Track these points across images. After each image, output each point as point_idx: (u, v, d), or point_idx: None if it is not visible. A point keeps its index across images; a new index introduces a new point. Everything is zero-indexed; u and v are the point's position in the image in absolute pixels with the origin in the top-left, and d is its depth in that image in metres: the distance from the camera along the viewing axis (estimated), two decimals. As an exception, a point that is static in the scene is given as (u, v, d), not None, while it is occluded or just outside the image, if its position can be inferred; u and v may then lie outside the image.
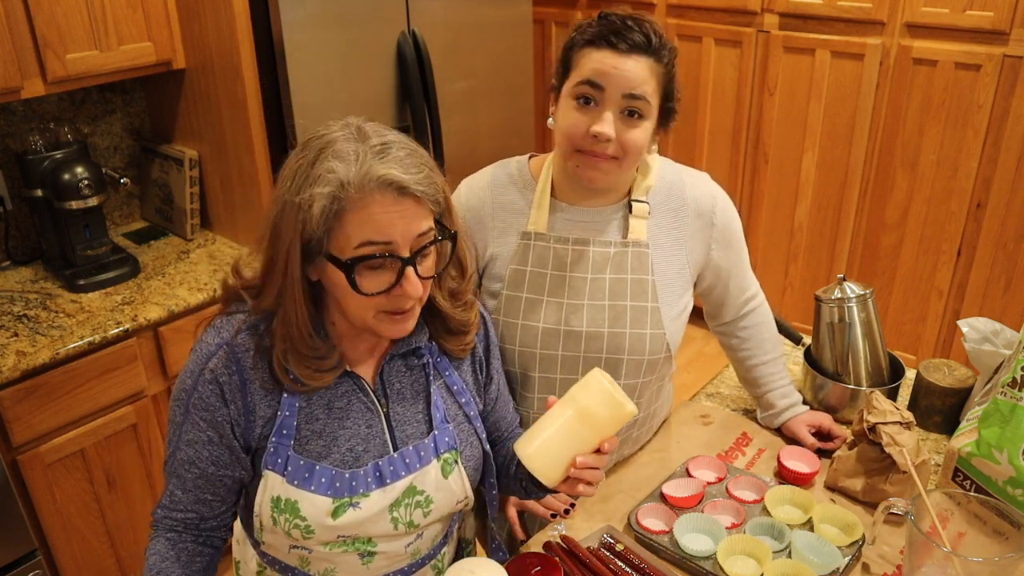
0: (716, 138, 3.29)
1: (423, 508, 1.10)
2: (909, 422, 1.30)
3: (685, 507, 1.31)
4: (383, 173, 0.93)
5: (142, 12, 2.06)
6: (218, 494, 1.10)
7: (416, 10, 2.32)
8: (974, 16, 2.54)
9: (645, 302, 1.30)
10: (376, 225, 0.94)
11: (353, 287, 0.95)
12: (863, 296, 1.52)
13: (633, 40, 1.16)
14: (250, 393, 1.04)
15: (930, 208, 2.83)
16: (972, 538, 1.09)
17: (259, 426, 1.05)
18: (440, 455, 1.11)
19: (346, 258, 0.95)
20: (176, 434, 1.08)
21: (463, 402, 1.16)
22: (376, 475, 1.07)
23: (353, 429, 1.08)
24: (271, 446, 1.05)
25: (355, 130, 0.97)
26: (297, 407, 1.05)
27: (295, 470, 1.05)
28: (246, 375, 1.03)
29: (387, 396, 1.11)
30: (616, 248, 1.30)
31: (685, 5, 3.18)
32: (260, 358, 1.03)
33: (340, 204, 0.93)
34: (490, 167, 1.38)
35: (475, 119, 2.63)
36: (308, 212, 0.93)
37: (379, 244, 0.94)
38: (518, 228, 1.32)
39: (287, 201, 0.95)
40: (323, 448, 1.06)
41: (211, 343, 1.05)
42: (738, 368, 1.57)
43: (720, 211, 1.36)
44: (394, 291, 0.97)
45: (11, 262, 2.24)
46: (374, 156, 0.94)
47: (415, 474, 1.09)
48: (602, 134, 1.17)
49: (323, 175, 0.93)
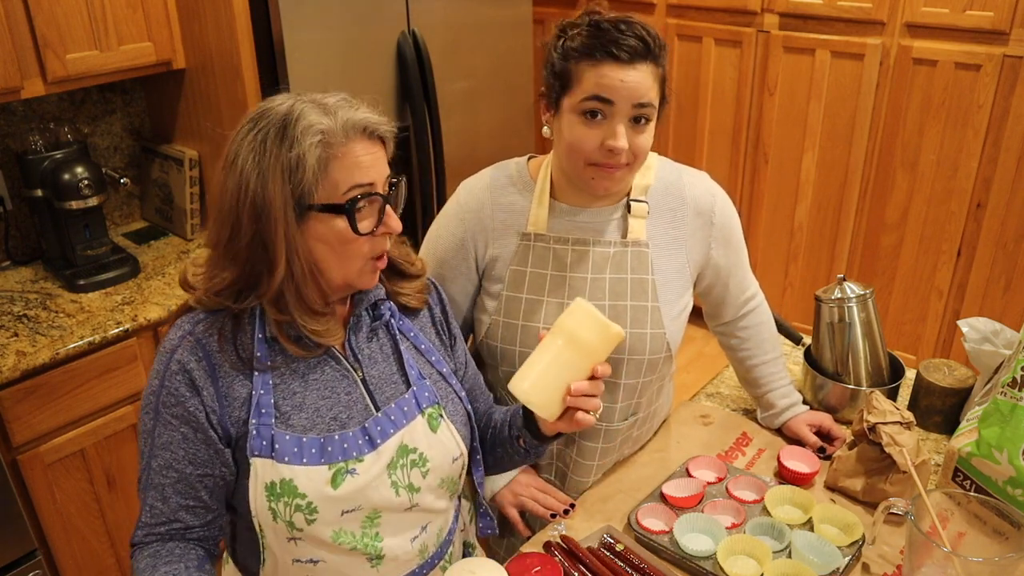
0: (716, 138, 3.30)
1: (420, 467, 1.10)
2: (909, 422, 1.30)
3: (685, 507, 1.31)
4: (361, 118, 1.00)
5: (142, 12, 2.06)
6: (201, 499, 1.05)
7: (416, 10, 2.32)
8: (974, 16, 2.54)
9: (645, 302, 1.30)
10: (361, 168, 1.00)
11: (354, 229, 1.00)
12: (863, 296, 1.52)
13: (633, 48, 1.15)
14: (221, 376, 1.03)
15: (930, 208, 2.83)
16: (972, 538, 1.09)
17: (236, 408, 1.03)
18: (423, 410, 1.12)
19: (339, 202, 0.99)
20: (148, 443, 1.05)
21: (434, 360, 1.18)
22: (366, 438, 1.07)
23: (334, 397, 1.08)
24: (252, 429, 1.03)
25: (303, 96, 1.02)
26: (271, 384, 1.05)
27: (283, 447, 1.03)
28: (214, 359, 1.03)
29: (359, 361, 1.11)
30: (616, 248, 1.30)
31: (685, 5, 3.18)
32: (225, 341, 1.03)
33: (328, 153, 0.98)
34: (488, 169, 1.38)
35: (475, 119, 2.63)
36: (301, 169, 0.96)
37: (365, 186, 1.00)
38: (518, 229, 1.32)
39: (265, 173, 0.97)
40: (307, 420, 1.05)
41: (173, 337, 1.05)
42: (738, 368, 1.57)
43: (719, 210, 1.36)
44: (379, 230, 1.03)
45: (11, 262, 2.24)
46: (346, 106, 1.01)
47: (403, 430, 1.09)
48: (619, 148, 1.17)
49: (306, 131, 0.97)
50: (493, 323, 1.33)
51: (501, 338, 1.33)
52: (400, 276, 1.18)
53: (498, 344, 1.33)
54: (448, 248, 1.34)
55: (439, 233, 1.36)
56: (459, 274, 1.35)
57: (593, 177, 1.23)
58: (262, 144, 0.98)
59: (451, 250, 1.34)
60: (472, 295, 1.37)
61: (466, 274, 1.35)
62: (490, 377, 1.44)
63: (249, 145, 0.99)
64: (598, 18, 1.19)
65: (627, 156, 1.20)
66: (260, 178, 0.97)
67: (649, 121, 1.20)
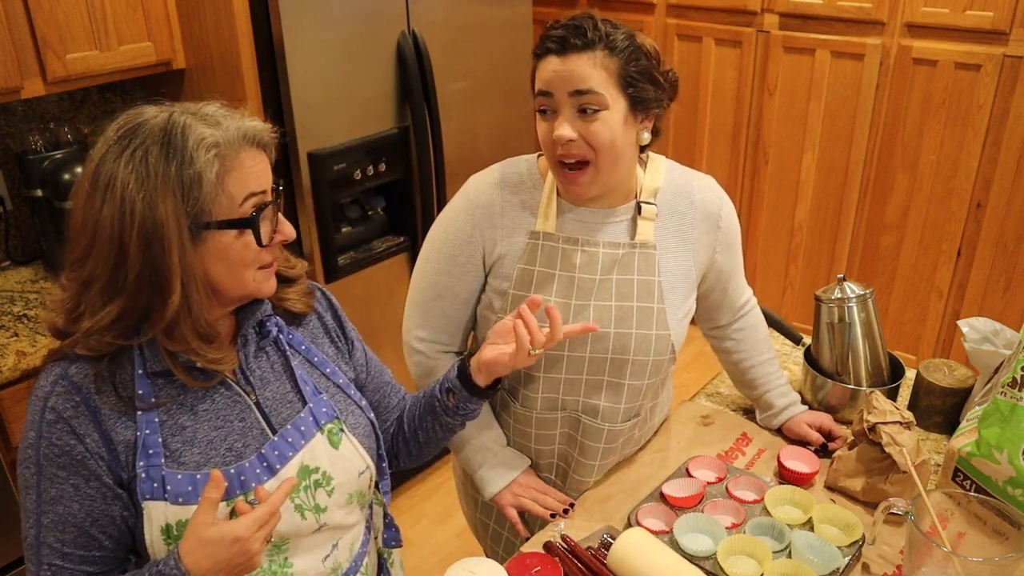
0: (716, 138, 3.29)
1: (324, 487, 1.06)
2: (909, 422, 1.30)
3: (685, 507, 1.31)
4: (249, 126, 0.96)
5: (142, 12, 2.06)
6: (105, 547, 0.98)
7: (416, 10, 2.32)
8: (974, 16, 2.54)
9: (651, 303, 1.30)
10: (253, 176, 0.96)
11: (259, 241, 0.96)
12: (863, 296, 1.52)
13: (570, 42, 1.18)
14: (102, 420, 0.95)
15: (930, 208, 2.83)
16: (972, 538, 1.09)
17: (122, 454, 0.96)
18: (322, 426, 1.08)
19: (241, 216, 0.95)
20: (33, 499, 0.96)
21: (328, 372, 1.14)
22: (264, 465, 1.02)
23: (227, 427, 1.02)
24: (141, 472, 0.96)
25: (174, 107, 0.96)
26: (157, 423, 0.98)
27: (175, 487, 0.96)
28: (93, 402, 0.95)
29: (251, 384, 1.06)
30: (624, 249, 1.30)
31: (685, 5, 3.18)
32: (102, 382, 0.96)
33: (224, 165, 0.93)
34: (498, 165, 1.37)
35: (475, 119, 2.63)
36: (198, 186, 0.91)
37: (259, 194, 0.97)
38: (527, 227, 1.32)
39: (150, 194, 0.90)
40: (200, 455, 0.99)
41: (44, 384, 0.96)
42: (733, 371, 1.57)
43: (726, 215, 1.36)
44: (276, 239, 1.01)
45: (11, 262, 2.24)
46: (230, 115, 0.96)
47: (302, 451, 1.04)
48: (560, 137, 1.19)
49: (198, 145, 0.91)
50: (498, 320, 1.33)
51: None
52: (282, 282, 1.11)
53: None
54: (456, 243, 1.34)
55: (446, 227, 1.35)
56: (466, 270, 1.34)
57: (562, 181, 1.25)
58: (143, 163, 0.90)
59: (459, 245, 1.34)
60: (478, 291, 1.37)
61: (473, 270, 1.35)
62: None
63: (127, 165, 0.90)
64: (554, 22, 1.22)
65: (581, 148, 1.20)
66: (147, 201, 0.89)
67: (600, 110, 1.18)
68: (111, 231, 0.91)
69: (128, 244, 0.90)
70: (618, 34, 1.19)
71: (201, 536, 0.90)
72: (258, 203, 0.96)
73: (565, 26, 1.19)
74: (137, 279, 0.92)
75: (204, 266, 0.95)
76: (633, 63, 1.19)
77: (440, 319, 1.39)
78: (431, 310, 1.38)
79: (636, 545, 1.16)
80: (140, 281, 0.92)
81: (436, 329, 1.40)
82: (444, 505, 2.71)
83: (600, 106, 1.18)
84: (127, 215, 0.90)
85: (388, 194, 2.50)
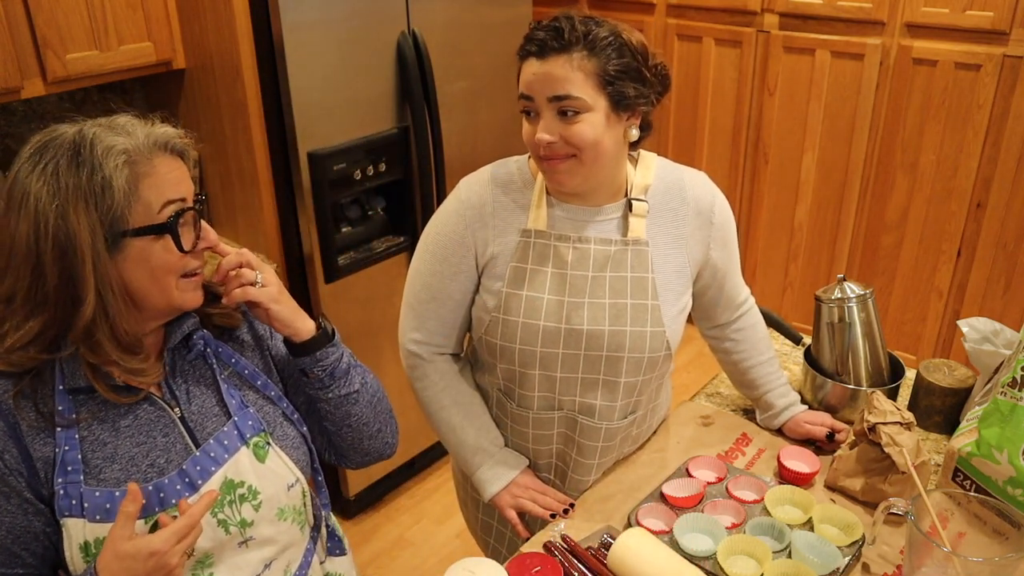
0: (716, 138, 3.29)
1: (250, 501, 1.05)
2: (909, 422, 1.30)
3: (685, 507, 1.31)
4: (160, 133, 0.97)
5: (142, 12, 2.06)
6: (28, 564, 0.97)
7: (416, 10, 2.32)
8: (974, 16, 2.54)
9: (645, 300, 1.30)
10: (170, 183, 0.97)
11: (178, 246, 0.97)
12: (863, 296, 1.52)
13: (548, 44, 1.18)
14: (21, 435, 0.95)
15: (930, 208, 2.83)
16: (972, 538, 1.09)
17: (41, 470, 0.96)
18: (248, 440, 1.06)
19: (159, 222, 0.96)
20: None
21: (259, 384, 1.13)
22: (185, 480, 1.00)
23: (149, 443, 1.01)
24: (59, 488, 0.95)
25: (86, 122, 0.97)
26: (77, 439, 0.97)
27: (93, 505, 0.96)
28: (12, 418, 0.95)
29: (176, 398, 1.05)
30: (616, 246, 1.30)
31: (685, 5, 3.18)
32: (22, 398, 0.96)
33: (136, 171, 0.94)
34: (489, 167, 1.38)
35: (475, 119, 2.63)
36: (109, 193, 0.91)
37: (177, 201, 0.98)
38: (518, 226, 1.32)
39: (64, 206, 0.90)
40: (121, 472, 0.98)
41: None
42: (732, 372, 1.57)
43: (719, 210, 1.36)
44: (200, 245, 1.01)
45: (11, 262, 2.24)
46: (141, 124, 0.98)
47: (225, 466, 1.03)
48: (541, 140, 1.20)
49: (107, 153, 0.92)
50: (492, 320, 1.33)
51: (500, 335, 1.33)
52: (211, 297, 1.10)
53: (497, 341, 1.33)
54: (448, 244, 1.34)
55: (439, 230, 1.36)
56: (459, 271, 1.35)
57: (545, 173, 1.26)
58: (54, 175, 0.91)
59: (451, 246, 1.34)
60: (471, 292, 1.37)
61: (466, 271, 1.35)
62: (487, 377, 1.44)
63: (39, 180, 0.91)
64: (537, 22, 1.22)
65: (563, 148, 1.20)
66: (59, 212, 0.90)
67: (580, 112, 1.19)
68: (27, 245, 0.92)
69: (44, 256, 0.91)
70: (600, 31, 1.18)
71: (118, 550, 0.90)
72: (177, 209, 0.97)
73: (545, 28, 1.20)
74: (55, 291, 0.93)
75: (125, 274, 0.96)
76: (614, 61, 1.18)
77: (435, 321, 1.39)
78: (425, 312, 1.39)
79: (636, 545, 1.16)
80: (58, 293, 0.93)
81: (431, 331, 1.40)
82: (444, 505, 2.71)
83: (580, 109, 1.19)
84: (41, 227, 0.91)
85: (388, 194, 2.50)
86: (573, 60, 1.17)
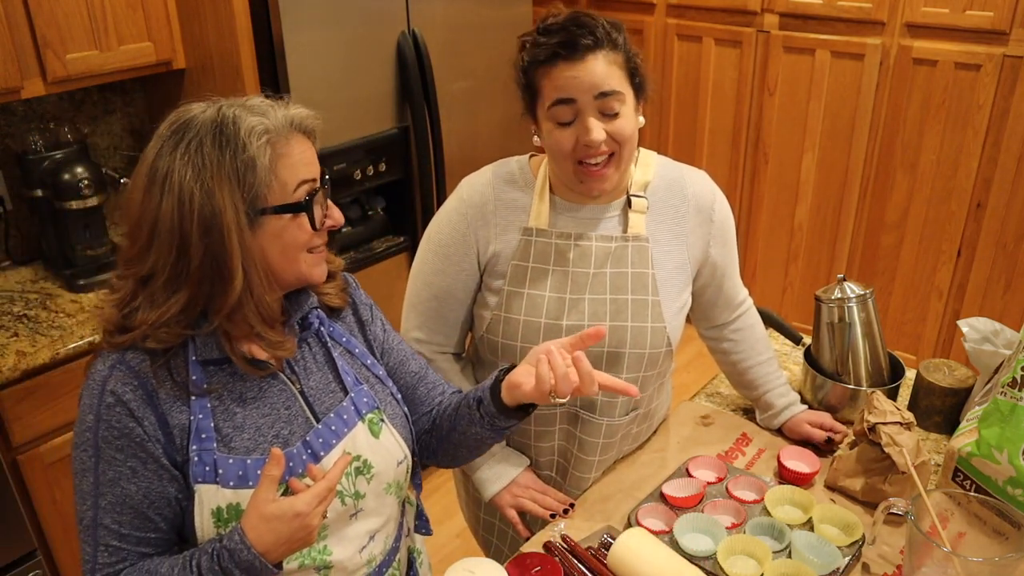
0: (716, 138, 3.29)
1: (364, 474, 1.08)
2: (909, 422, 1.30)
3: (685, 507, 1.31)
4: (295, 115, 0.99)
5: (142, 12, 2.06)
6: (160, 529, 1.01)
7: (416, 10, 2.32)
8: (974, 16, 2.54)
9: (646, 295, 1.31)
10: (304, 164, 1.00)
11: (312, 225, 1.00)
12: (863, 296, 1.52)
13: (580, 44, 1.17)
14: (159, 403, 0.98)
15: (930, 208, 2.83)
16: (972, 538, 1.09)
17: (177, 437, 0.99)
18: (363, 416, 1.10)
19: (295, 201, 0.98)
20: (91, 481, 0.99)
21: (368, 363, 1.17)
22: (308, 452, 1.05)
23: (274, 414, 1.05)
24: (194, 455, 0.99)
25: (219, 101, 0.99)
26: (210, 408, 1.01)
27: (227, 472, 0.99)
28: (150, 386, 0.98)
29: (296, 373, 1.08)
30: (617, 242, 1.31)
31: (685, 5, 3.18)
32: (159, 367, 0.99)
33: (275, 151, 0.96)
34: (490, 166, 1.38)
35: (475, 119, 2.63)
36: (252, 172, 0.94)
37: (311, 181, 1.00)
38: (520, 225, 1.32)
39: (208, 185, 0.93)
40: (250, 441, 1.02)
41: (102, 369, 1.00)
42: (732, 373, 1.57)
43: (719, 208, 1.37)
44: (327, 223, 1.04)
45: (11, 262, 2.24)
46: (278, 105, 1.00)
47: (344, 439, 1.07)
48: (594, 142, 1.19)
49: (249, 132, 0.94)
50: (494, 318, 1.33)
51: (502, 333, 1.33)
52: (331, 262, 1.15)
53: (499, 339, 1.34)
54: (450, 243, 1.34)
55: (440, 229, 1.36)
56: (461, 270, 1.35)
57: (583, 180, 1.25)
58: (198, 154, 0.93)
59: (453, 245, 1.34)
60: (473, 291, 1.38)
61: (468, 270, 1.35)
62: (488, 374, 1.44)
63: (182, 158, 0.93)
64: (547, 23, 1.21)
65: (608, 145, 1.21)
66: (204, 189, 0.92)
67: (620, 107, 1.20)
68: (171, 223, 0.94)
69: (189, 234, 0.93)
70: (612, 27, 1.20)
71: (263, 512, 0.93)
72: (310, 189, 1.00)
73: (566, 27, 1.19)
74: (200, 268, 0.95)
75: (261, 249, 0.99)
76: (631, 52, 1.22)
77: (437, 320, 1.39)
78: (428, 311, 1.39)
79: (636, 545, 1.16)
80: (203, 270, 0.95)
81: (433, 330, 1.40)
82: (444, 505, 2.71)
83: (621, 103, 1.20)
84: (186, 205, 0.93)
85: (388, 194, 2.50)
86: (607, 55, 1.18)
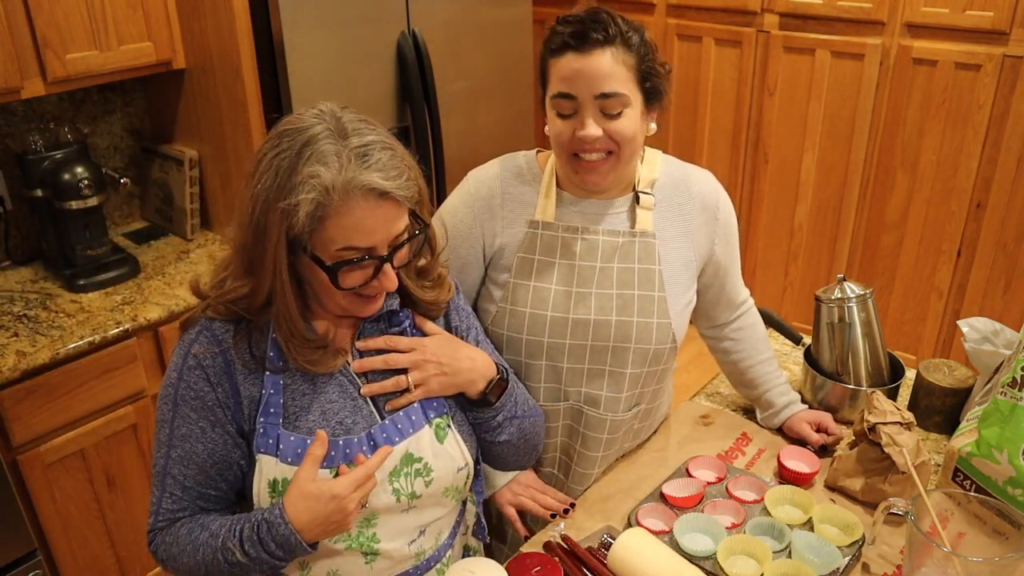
0: (716, 138, 3.29)
1: (423, 477, 1.10)
2: (909, 422, 1.30)
3: (685, 507, 1.31)
4: (366, 181, 0.95)
5: (142, 12, 2.06)
6: (220, 488, 1.09)
7: (416, 10, 2.32)
8: (974, 16, 2.54)
9: (652, 291, 1.31)
10: (359, 231, 0.97)
11: (335, 284, 1.00)
12: (863, 296, 1.52)
13: (590, 36, 1.17)
14: (234, 373, 1.05)
15: (930, 208, 2.83)
16: (972, 538, 1.09)
17: (246, 407, 1.05)
18: (431, 420, 1.12)
19: (329, 261, 0.98)
20: (167, 433, 1.07)
21: None
22: (370, 443, 1.07)
23: (340, 402, 1.09)
24: (260, 427, 1.05)
25: (334, 124, 0.98)
26: (281, 384, 1.06)
27: (287, 447, 1.04)
28: (228, 355, 1.05)
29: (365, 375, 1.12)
30: (624, 238, 1.31)
31: (685, 5, 3.18)
32: (240, 339, 1.05)
33: (324, 210, 0.95)
34: (497, 160, 1.39)
35: (475, 119, 2.63)
36: (294, 216, 0.95)
37: (361, 249, 0.98)
38: (526, 218, 1.33)
39: (270, 202, 0.96)
40: (314, 423, 1.06)
41: (191, 333, 1.07)
42: (732, 372, 1.57)
43: (723, 206, 1.37)
44: (371, 284, 1.03)
45: (11, 262, 2.24)
46: (357, 161, 0.95)
47: (409, 439, 1.10)
48: (587, 137, 1.19)
49: (306, 180, 0.94)
50: (499, 311, 1.33)
51: (507, 326, 1.33)
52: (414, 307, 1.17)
53: (504, 332, 1.34)
54: (456, 236, 1.34)
55: (447, 221, 1.36)
56: (467, 263, 1.35)
57: (576, 172, 1.25)
58: (274, 169, 0.96)
59: (459, 238, 1.34)
60: (478, 284, 1.38)
61: (473, 263, 1.35)
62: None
63: (269, 164, 0.97)
64: (568, 14, 1.21)
65: (605, 143, 1.21)
66: (265, 205, 0.97)
67: (623, 110, 1.20)
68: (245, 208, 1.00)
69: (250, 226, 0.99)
70: (630, 27, 1.20)
71: (303, 490, 0.99)
72: (354, 256, 0.98)
73: (582, 20, 1.19)
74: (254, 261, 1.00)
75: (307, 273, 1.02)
76: (648, 57, 1.21)
77: None
78: None
79: (636, 545, 1.16)
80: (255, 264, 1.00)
81: None
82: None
83: (624, 105, 1.19)
84: (258, 205, 0.98)
85: (388, 194, 2.50)
86: (616, 54, 1.18)
